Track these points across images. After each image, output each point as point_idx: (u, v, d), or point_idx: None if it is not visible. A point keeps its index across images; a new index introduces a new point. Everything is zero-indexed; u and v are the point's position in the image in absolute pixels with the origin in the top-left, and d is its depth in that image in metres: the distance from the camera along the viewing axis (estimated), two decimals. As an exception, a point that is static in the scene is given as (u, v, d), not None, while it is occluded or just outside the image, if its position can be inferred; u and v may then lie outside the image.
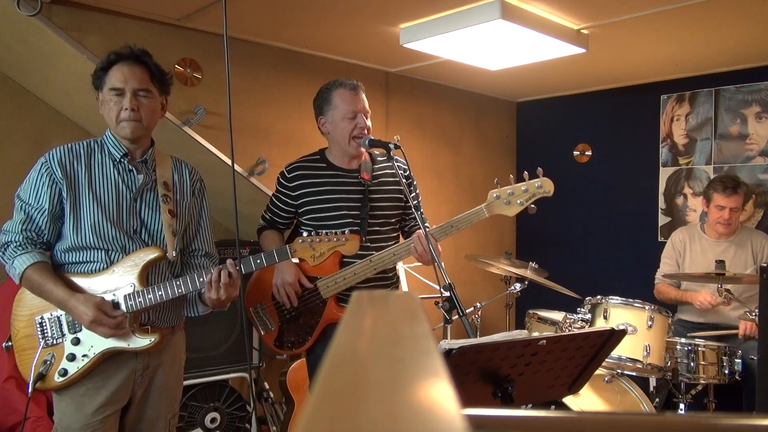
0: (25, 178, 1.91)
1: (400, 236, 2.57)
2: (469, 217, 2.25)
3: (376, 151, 2.44)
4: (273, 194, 2.49)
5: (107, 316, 1.82)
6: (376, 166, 2.45)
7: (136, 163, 1.97)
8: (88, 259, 1.90)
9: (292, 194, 2.40)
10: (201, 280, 1.93)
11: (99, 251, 1.89)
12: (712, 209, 3.44)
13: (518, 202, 2.23)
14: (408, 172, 2.48)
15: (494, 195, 2.25)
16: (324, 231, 2.03)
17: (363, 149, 2.39)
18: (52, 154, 1.89)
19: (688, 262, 3.54)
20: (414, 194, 2.49)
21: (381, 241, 2.41)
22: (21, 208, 1.88)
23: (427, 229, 2.18)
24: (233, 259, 1.95)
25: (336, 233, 2.00)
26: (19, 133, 3.19)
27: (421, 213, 2.42)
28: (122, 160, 1.95)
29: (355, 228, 2.27)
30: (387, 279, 2.47)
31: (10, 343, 1.92)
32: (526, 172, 2.23)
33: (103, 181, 1.92)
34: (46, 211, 1.86)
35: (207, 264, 2.12)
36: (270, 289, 2.41)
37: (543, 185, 2.21)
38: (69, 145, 1.93)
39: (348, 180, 2.39)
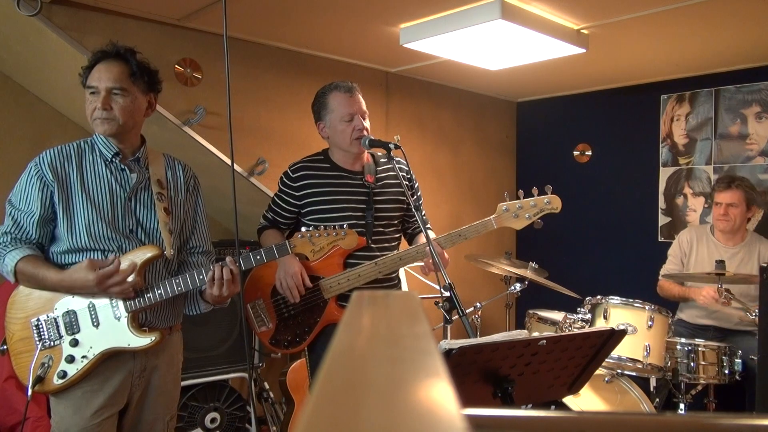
0: (16, 182, 1.90)
1: (403, 236, 2.58)
2: (477, 227, 2.29)
3: (378, 153, 2.45)
4: (276, 194, 2.48)
5: (106, 268, 1.80)
6: (378, 168, 2.46)
7: (128, 162, 1.95)
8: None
9: (296, 194, 2.39)
10: (201, 277, 1.92)
11: (95, 252, 1.87)
12: (713, 207, 3.48)
13: (526, 216, 2.29)
14: (410, 173, 2.49)
15: (503, 208, 2.30)
16: (323, 225, 2.02)
17: (365, 150, 2.40)
18: (42, 158, 1.88)
19: (694, 262, 3.52)
20: (416, 196, 2.50)
21: (384, 242, 2.41)
22: (10, 214, 1.87)
23: (434, 237, 2.20)
24: (233, 258, 1.95)
25: (335, 227, 2.00)
26: (19, 133, 3.19)
27: (423, 214, 2.43)
28: (114, 159, 1.92)
29: (360, 230, 2.28)
30: (390, 281, 2.48)
31: (5, 347, 1.90)
32: (535, 188, 2.28)
33: (96, 182, 1.90)
34: (36, 215, 1.84)
35: (204, 261, 2.10)
36: (269, 287, 2.39)
37: (551, 201, 2.28)
38: (59, 147, 1.92)
39: (352, 182, 2.39)
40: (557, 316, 3.29)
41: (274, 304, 2.40)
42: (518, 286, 3.52)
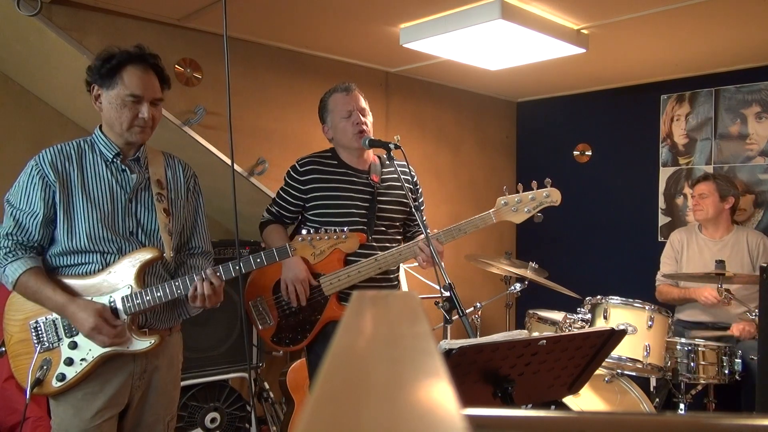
0: (15, 182, 1.85)
1: (403, 241, 2.59)
2: (477, 221, 2.30)
3: (384, 156, 2.47)
4: (281, 188, 2.49)
5: (108, 324, 1.79)
6: (384, 170, 2.49)
7: (129, 162, 1.93)
8: (83, 262, 1.85)
9: (303, 188, 2.41)
10: None
11: (94, 254, 1.85)
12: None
13: (525, 209, 2.29)
14: (414, 178, 2.52)
15: (502, 202, 2.31)
16: (324, 228, 2.02)
17: (366, 150, 2.42)
18: (43, 156, 1.84)
19: (686, 261, 3.58)
20: (419, 201, 2.52)
21: (385, 242, 2.43)
22: (11, 214, 1.83)
23: (433, 232, 2.21)
24: (232, 258, 1.94)
25: (336, 230, 1.99)
26: (20, 133, 3.19)
27: (424, 219, 2.44)
28: (114, 159, 1.90)
29: (361, 227, 2.29)
30: (389, 280, 2.48)
31: (3, 348, 1.87)
32: (534, 182, 2.28)
33: (97, 183, 1.87)
34: (40, 215, 1.81)
35: (203, 263, 2.09)
36: (271, 284, 2.41)
37: (551, 195, 2.29)
38: (59, 146, 1.88)
39: (358, 179, 2.41)
40: (557, 316, 3.29)
41: (275, 302, 2.42)
42: (518, 286, 3.52)
